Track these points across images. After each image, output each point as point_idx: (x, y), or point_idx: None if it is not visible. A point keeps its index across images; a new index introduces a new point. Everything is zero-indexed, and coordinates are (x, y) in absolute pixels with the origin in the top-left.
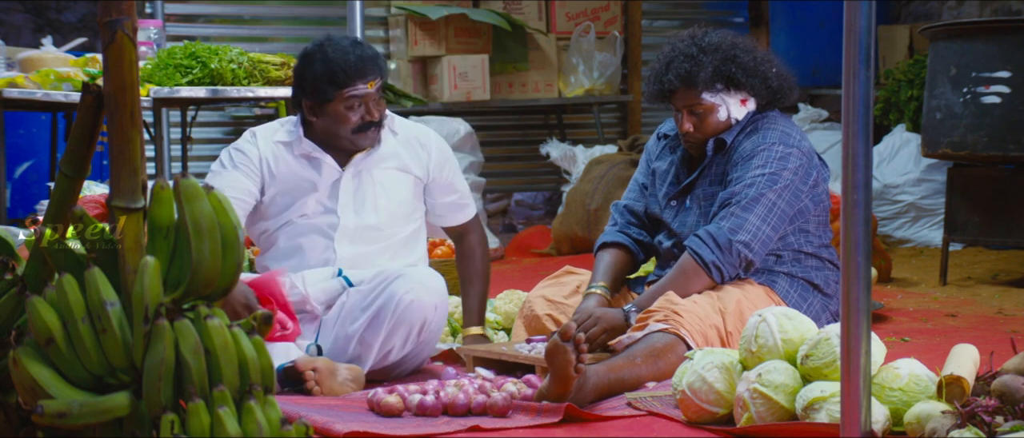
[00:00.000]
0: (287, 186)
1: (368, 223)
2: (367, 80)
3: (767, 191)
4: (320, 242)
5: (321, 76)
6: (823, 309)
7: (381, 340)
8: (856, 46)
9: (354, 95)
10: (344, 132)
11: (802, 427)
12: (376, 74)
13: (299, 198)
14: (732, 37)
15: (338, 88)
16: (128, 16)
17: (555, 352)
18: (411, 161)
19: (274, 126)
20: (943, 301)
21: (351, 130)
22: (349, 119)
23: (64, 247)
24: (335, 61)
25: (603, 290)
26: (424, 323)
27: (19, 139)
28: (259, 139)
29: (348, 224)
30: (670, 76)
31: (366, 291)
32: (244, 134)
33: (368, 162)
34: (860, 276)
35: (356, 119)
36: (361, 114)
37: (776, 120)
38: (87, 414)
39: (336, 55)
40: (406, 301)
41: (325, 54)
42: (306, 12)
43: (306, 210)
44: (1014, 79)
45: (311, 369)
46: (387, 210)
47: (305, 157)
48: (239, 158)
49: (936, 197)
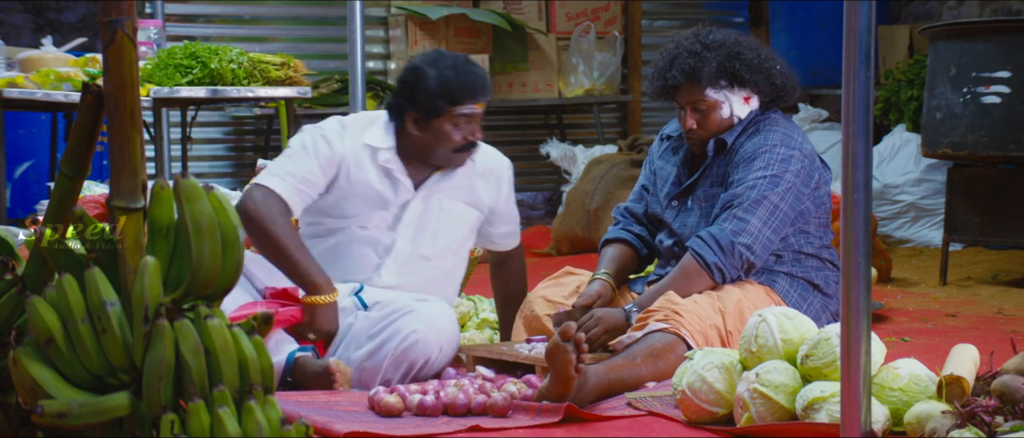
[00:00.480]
0: (359, 194)
1: (421, 252)
2: (478, 100)
3: (769, 193)
4: (369, 259)
5: (437, 91)
6: (823, 309)
7: (381, 373)
8: (856, 46)
9: (463, 113)
10: (444, 150)
11: (802, 427)
12: (487, 96)
13: (366, 210)
14: (736, 35)
15: (452, 104)
16: (128, 16)
17: (555, 352)
18: (483, 194)
19: (364, 121)
20: (943, 301)
21: (452, 149)
22: (452, 138)
23: (64, 247)
24: (452, 78)
25: (606, 277)
26: (427, 362)
27: (19, 139)
28: (347, 134)
29: (403, 250)
30: (674, 72)
31: (375, 319)
32: (332, 120)
33: (440, 188)
34: (860, 276)
35: (459, 139)
36: (465, 134)
37: (778, 122)
38: (87, 414)
39: (452, 72)
40: (411, 340)
41: (439, 68)
42: (306, 12)
43: (369, 223)
44: (1014, 79)
45: (339, 371)
46: (443, 243)
47: (386, 171)
48: (323, 148)
49: (936, 197)
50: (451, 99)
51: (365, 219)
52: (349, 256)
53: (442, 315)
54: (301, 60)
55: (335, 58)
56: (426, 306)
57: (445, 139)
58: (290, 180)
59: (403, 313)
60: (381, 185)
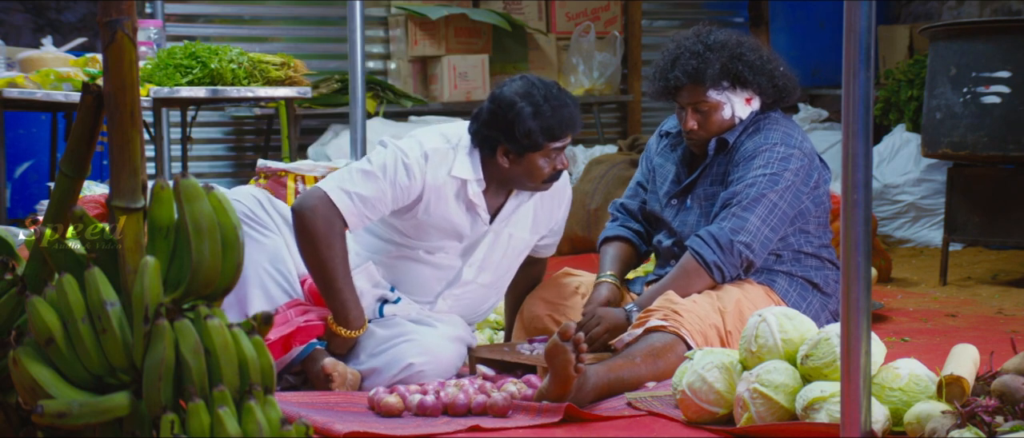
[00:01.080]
0: (436, 226)
1: (483, 282)
2: (570, 136)
3: (768, 192)
4: (432, 284)
5: (535, 128)
6: (822, 308)
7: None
8: (856, 46)
9: (557, 147)
10: (532, 181)
11: (802, 427)
12: (579, 128)
13: (440, 239)
14: (738, 36)
15: (549, 140)
16: (128, 16)
17: (555, 352)
18: (547, 220)
19: (446, 149)
20: (943, 301)
21: (541, 180)
22: (543, 171)
23: (64, 247)
24: (549, 115)
25: (612, 278)
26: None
27: (19, 139)
28: (431, 167)
29: (468, 280)
30: (676, 73)
31: (379, 338)
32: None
33: (512, 219)
34: (860, 276)
35: (548, 170)
36: (553, 165)
37: (778, 121)
38: (87, 414)
39: (548, 107)
40: (414, 370)
41: (536, 104)
42: (306, 12)
43: (438, 252)
44: (1014, 79)
45: (336, 372)
46: (505, 269)
47: (466, 202)
48: (401, 176)
49: (936, 197)
50: (549, 135)
51: (436, 246)
52: (413, 277)
53: (444, 344)
54: (301, 60)
55: (335, 58)
56: (430, 334)
57: (536, 172)
58: (358, 203)
59: (404, 339)
60: (460, 218)
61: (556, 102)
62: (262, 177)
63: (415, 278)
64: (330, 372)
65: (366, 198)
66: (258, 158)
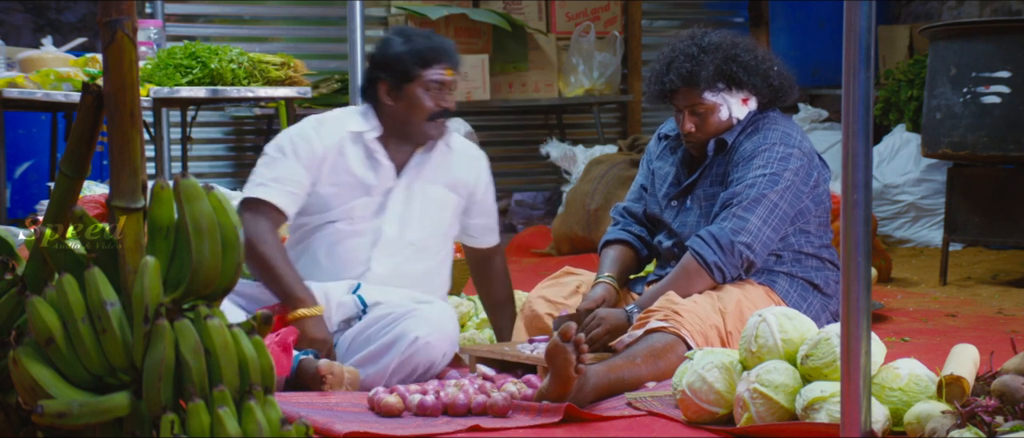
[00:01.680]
0: (341, 186)
1: (409, 239)
2: (449, 67)
3: (768, 192)
4: (359, 252)
5: (406, 54)
6: (823, 309)
7: (386, 377)
8: (856, 46)
9: (434, 79)
10: (418, 118)
11: (802, 427)
12: (456, 65)
13: (350, 199)
14: (732, 37)
15: (422, 67)
16: (128, 16)
17: (555, 352)
18: (461, 177)
19: (343, 115)
20: (943, 301)
21: (426, 117)
22: (425, 105)
23: (64, 247)
24: (419, 41)
25: (610, 280)
26: (430, 366)
27: (19, 139)
28: (326, 128)
29: (390, 236)
30: (671, 76)
31: (378, 322)
32: (307, 120)
33: (421, 173)
34: (860, 276)
35: (431, 105)
36: (437, 101)
37: (777, 120)
38: (87, 414)
39: (419, 37)
40: (418, 345)
41: (408, 35)
42: (306, 12)
43: (353, 214)
44: (1014, 79)
45: (330, 373)
46: (429, 228)
47: (368, 154)
48: (302, 146)
49: (936, 197)
50: (422, 62)
51: (350, 209)
52: (339, 252)
53: (445, 318)
54: (301, 60)
55: (335, 58)
56: (429, 308)
57: (418, 106)
58: (276, 186)
59: (407, 316)
60: (364, 171)
61: (427, 34)
62: None
63: (342, 250)
64: (325, 374)
65: (279, 177)
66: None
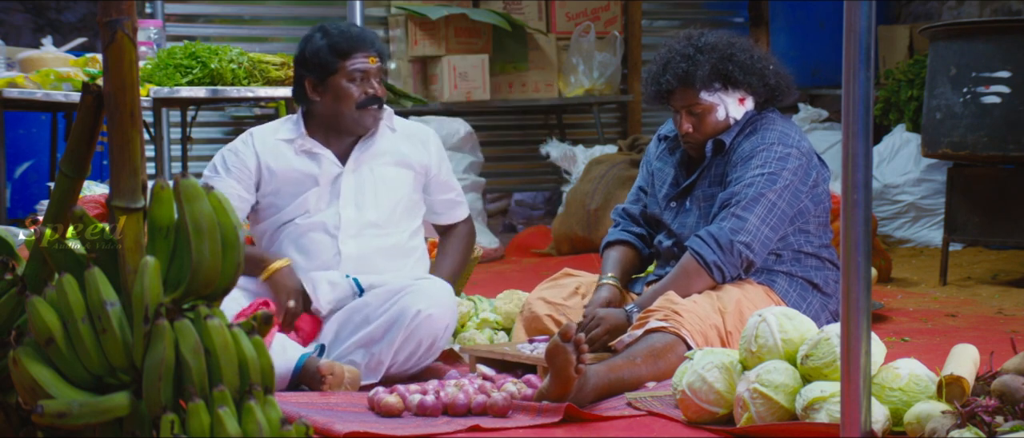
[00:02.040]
0: (287, 183)
1: (369, 219)
2: (368, 54)
3: (767, 192)
4: (325, 241)
5: (323, 48)
6: (822, 308)
7: (392, 352)
8: (856, 46)
9: (356, 68)
10: (347, 109)
11: (802, 427)
12: (376, 51)
13: (300, 194)
14: (729, 37)
15: (341, 58)
16: (128, 16)
17: (556, 352)
18: (411, 154)
19: (274, 125)
20: (943, 301)
21: (355, 105)
22: (351, 94)
23: (64, 247)
24: (336, 34)
25: (613, 280)
26: (433, 341)
27: (19, 139)
28: (256, 139)
29: (350, 219)
30: (668, 77)
31: (379, 299)
32: (241, 136)
33: (367, 156)
34: (860, 276)
35: (359, 94)
36: (364, 89)
37: (775, 120)
38: (87, 414)
39: (336, 30)
40: (422, 316)
41: (325, 30)
42: (306, 12)
43: (308, 206)
44: (1014, 79)
45: (330, 373)
46: (388, 206)
47: (306, 153)
48: (232, 161)
49: (936, 197)
50: (339, 53)
51: (303, 203)
52: (306, 247)
53: (443, 292)
54: None
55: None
56: (426, 283)
57: (345, 97)
58: None
59: (408, 290)
60: (306, 166)
61: (344, 26)
62: None
63: (309, 243)
64: (326, 374)
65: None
66: None
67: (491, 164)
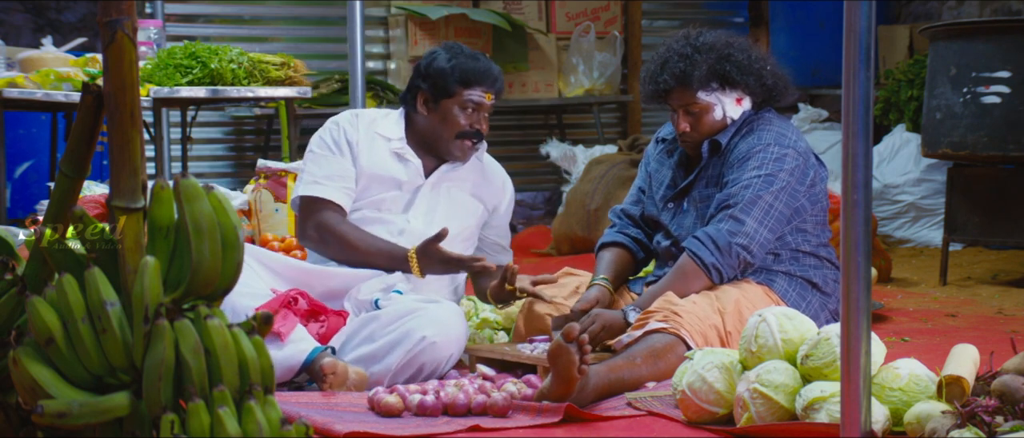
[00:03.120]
0: (372, 175)
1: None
2: (488, 90)
3: (764, 193)
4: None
5: (450, 71)
6: (822, 308)
7: (391, 374)
8: (856, 46)
9: (472, 99)
10: (447, 134)
11: (802, 427)
12: (497, 89)
13: (381, 191)
14: (727, 36)
15: (462, 86)
16: (128, 16)
17: (558, 353)
18: (487, 191)
19: (379, 114)
20: (943, 301)
21: (455, 134)
22: (458, 122)
23: (64, 247)
24: (465, 61)
25: (605, 282)
26: (436, 368)
27: (19, 139)
28: (360, 122)
29: (416, 230)
30: (665, 76)
31: (388, 318)
32: (345, 114)
33: (450, 177)
34: (860, 276)
35: (464, 124)
36: (471, 121)
37: (772, 121)
38: (87, 414)
39: (467, 56)
40: (427, 342)
41: (456, 52)
42: (306, 12)
43: (383, 205)
44: (1014, 79)
45: (333, 372)
46: (455, 229)
47: (397, 155)
48: (341, 141)
49: (936, 197)
50: (463, 81)
51: (379, 201)
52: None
53: (453, 319)
54: (301, 60)
55: (335, 58)
56: (437, 308)
57: (451, 122)
58: (330, 183)
59: (414, 314)
60: (393, 166)
61: (473, 55)
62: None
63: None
64: (328, 372)
65: (330, 174)
66: (258, 158)
67: None
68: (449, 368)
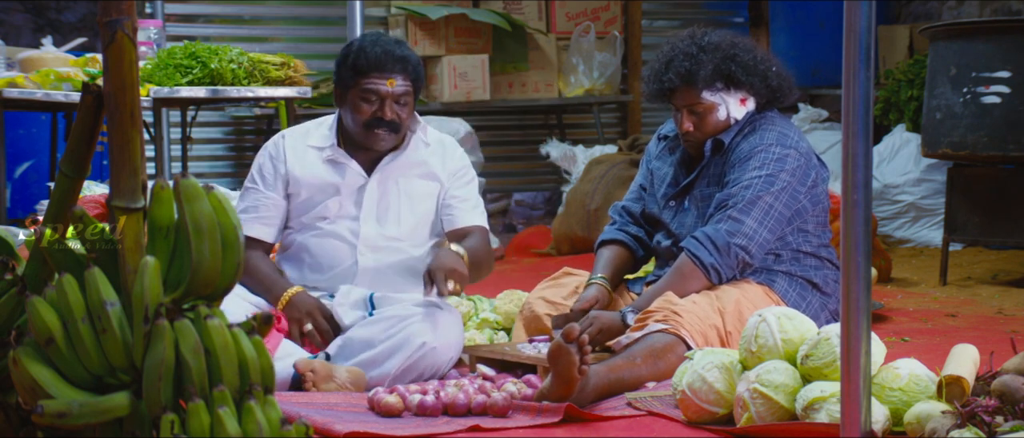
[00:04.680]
0: (310, 190)
1: (390, 234)
2: (387, 77)
3: (764, 193)
4: (343, 250)
5: (346, 62)
6: (822, 308)
7: (390, 379)
8: (856, 46)
9: (370, 88)
10: (356, 125)
11: (802, 427)
12: (400, 74)
13: (322, 201)
14: (732, 37)
15: (358, 75)
16: (128, 16)
17: (559, 353)
18: (436, 165)
19: (309, 127)
20: (943, 301)
21: (362, 124)
22: (362, 110)
23: (64, 247)
24: (365, 51)
25: (603, 281)
26: (435, 372)
27: (19, 139)
28: (286, 143)
29: (369, 233)
30: (670, 75)
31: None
32: (272, 139)
33: (394, 168)
34: (860, 276)
35: (368, 113)
36: (374, 110)
37: (774, 121)
38: (87, 414)
39: (366, 45)
40: (427, 348)
41: (357, 44)
42: (306, 12)
43: (328, 213)
44: (1014, 79)
45: (310, 370)
46: (410, 222)
47: (332, 162)
48: (266, 169)
49: (936, 197)
50: (357, 69)
51: (323, 209)
52: (325, 253)
53: (452, 324)
54: (301, 60)
55: (335, 58)
56: (436, 314)
57: (356, 112)
58: (246, 217)
59: (414, 320)
60: (329, 175)
61: (375, 42)
62: None
63: (326, 250)
64: (304, 371)
65: (247, 208)
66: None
67: (491, 164)
68: (446, 371)
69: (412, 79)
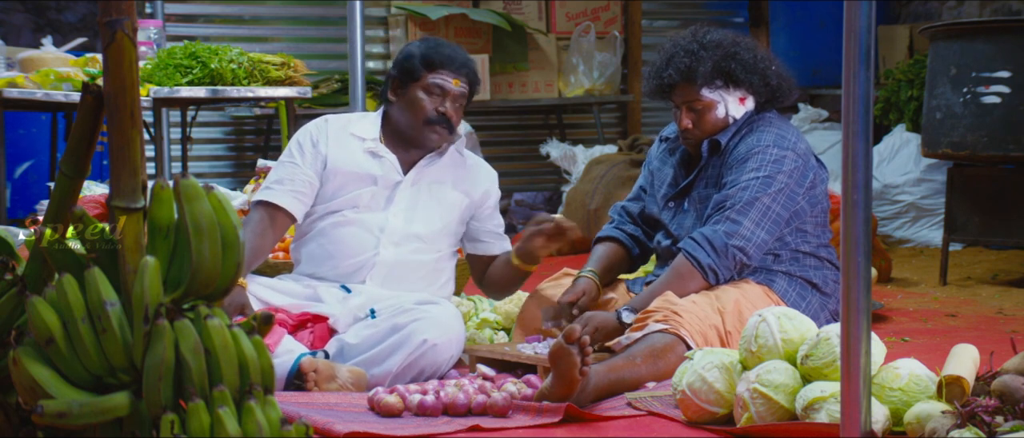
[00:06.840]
0: (347, 173)
1: (415, 231)
2: (455, 77)
3: (762, 195)
4: (366, 240)
5: (416, 55)
6: (821, 308)
7: (391, 377)
8: (856, 46)
9: (437, 83)
10: (416, 120)
11: (802, 427)
12: (466, 77)
13: (356, 188)
14: (734, 36)
15: (427, 69)
16: (128, 16)
17: (560, 354)
18: (471, 183)
19: (353, 117)
20: (943, 301)
21: (423, 119)
22: (425, 107)
23: (64, 247)
24: (433, 48)
25: (592, 274)
26: (436, 370)
27: (19, 139)
28: (330, 125)
29: (396, 227)
30: (670, 71)
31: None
32: (316, 120)
33: (430, 172)
34: (860, 276)
35: (431, 109)
36: (437, 106)
37: (772, 121)
38: (87, 414)
39: (436, 44)
40: (428, 345)
41: (427, 40)
42: (306, 12)
43: (359, 203)
44: (1014, 79)
45: (313, 370)
46: (436, 226)
47: (372, 153)
48: (306, 146)
49: (936, 197)
50: (427, 64)
51: (355, 198)
52: (348, 239)
53: (453, 320)
54: (301, 60)
55: (335, 58)
56: (437, 310)
57: (418, 107)
58: (279, 188)
59: (414, 318)
60: (367, 163)
61: (446, 44)
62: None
63: (348, 237)
64: (307, 370)
65: (283, 180)
66: (258, 158)
67: (491, 164)
68: (449, 368)
69: (471, 85)
